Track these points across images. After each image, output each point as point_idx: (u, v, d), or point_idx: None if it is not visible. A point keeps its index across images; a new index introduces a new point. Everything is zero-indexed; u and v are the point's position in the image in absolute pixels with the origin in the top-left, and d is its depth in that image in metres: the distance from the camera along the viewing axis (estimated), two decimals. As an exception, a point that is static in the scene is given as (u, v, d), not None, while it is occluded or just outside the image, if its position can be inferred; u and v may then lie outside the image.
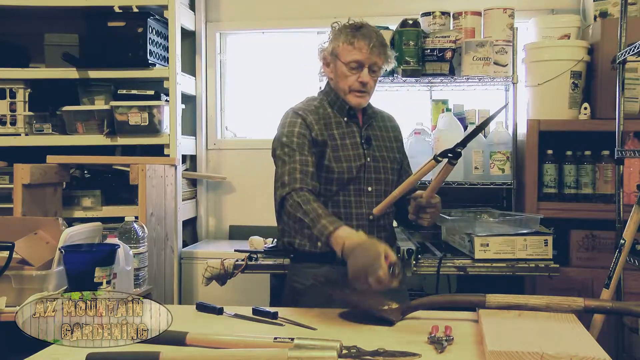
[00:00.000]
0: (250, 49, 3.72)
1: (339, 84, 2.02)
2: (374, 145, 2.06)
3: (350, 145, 2.02)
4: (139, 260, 2.29)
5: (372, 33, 1.97)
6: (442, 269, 2.54)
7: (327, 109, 2.06)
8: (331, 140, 2.00)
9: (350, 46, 1.96)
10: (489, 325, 1.48)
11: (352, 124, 2.05)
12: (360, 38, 1.95)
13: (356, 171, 1.99)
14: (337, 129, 2.03)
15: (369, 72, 1.97)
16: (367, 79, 1.97)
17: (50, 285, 2.00)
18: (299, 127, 1.97)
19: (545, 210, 2.84)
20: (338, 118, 2.05)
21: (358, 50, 1.95)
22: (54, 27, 3.29)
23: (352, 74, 1.97)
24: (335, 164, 1.98)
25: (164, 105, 3.17)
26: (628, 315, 2.25)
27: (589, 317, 2.11)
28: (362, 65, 1.96)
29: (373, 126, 2.11)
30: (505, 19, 3.02)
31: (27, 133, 3.21)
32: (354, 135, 2.04)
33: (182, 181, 3.36)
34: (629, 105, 2.77)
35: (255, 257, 2.61)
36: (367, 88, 2.00)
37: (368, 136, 2.06)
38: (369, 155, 2.04)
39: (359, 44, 1.95)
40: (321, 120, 2.02)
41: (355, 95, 2.00)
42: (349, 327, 1.62)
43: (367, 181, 2.02)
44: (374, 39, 1.96)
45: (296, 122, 1.99)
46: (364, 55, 1.95)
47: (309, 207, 1.80)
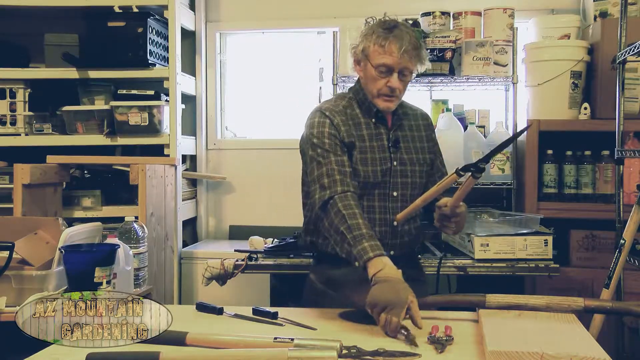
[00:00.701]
0: (250, 49, 3.72)
1: (367, 85, 1.95)
2: (402, 148, 1.99)
3: (377, 148, 1.95)
4: (139, 260, 2.29)
5: (405, 35, 1.86)
6: (442, 269, 2.54)
7: (356, 109, 1.99)
8: (359, 142, 1.94)
9: (381, 48, 1.86)
10: (489, 325, 1.48)
11: (380, 126, 1.98)
12: (392, 40, 1.85)
13: (381, 175, 1.93)
14: (367, 130, 1.96)
15: (399, 77, 1.88)
16: (397, 84, 1.88)
17: (50, 285, 2.00)
18: (328, 128, 1.91)
19: (545, 210, 2.84)
20: (366, 119, 1.98)
21: (389, 55, 1.85)
22: (54, 27, 3.29)
23: (381, 77, 1.89)
24: (361, 167, 1.91)
25: (164, 105, 3.17)
26: (628, 315, 2.25)
27: (589, 317, 2.11)
28: (392, 70, 1.87)
29: (403, 127, 2.02)
30: (505, 19, 3.03)
31: (27, 133, 3.21)
32: (381, 137, 1.97)
33: (182, 181, 3.36)
34: (629, 105, 2.76)
35: (255, 257, 2.61)
36: (397, 93, 1.91)
37: (396, 138, 1.98)
38: (396, 158, 1.96)
39: (389, 47, 1.85)
40: (349, 121, 1.95)
41: (383, 99, 1.92)
42: (349, 327, 1.62)
43: (392, 186, 1.95)
44: (406, 42, 1.85)
45: (325, 122, 1.93)
46: (394, 60, 1.85)
47: (353, 222, 1.74)
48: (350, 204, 1.78)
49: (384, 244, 1.84)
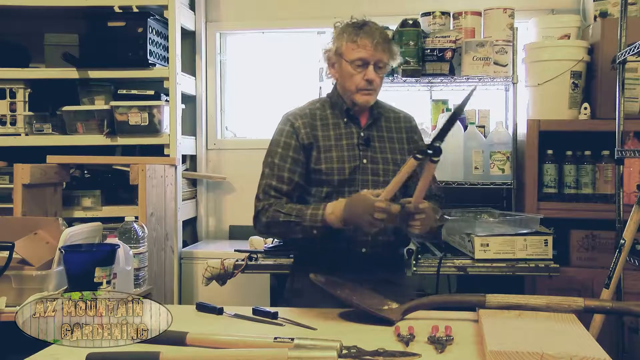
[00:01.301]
0: (250, 49, 3.72)
1: (345, 84, 1.99)
2: (375, 147, 2.02)
3: (345, 147, 2.00)
4: (139, 260, 2.29)
5: (375, 30, 1.95)
6: (442, 269, 2.54)
7: (327, 110, 2.05)
8: (324, 141, 1.99)
9: (354, 44, 1.93)
10: (489, 325, 1.48)
11: (351, 125, 2.03)
12: (363, 36, 1.93)
13: (349, 172, 1.97)
14: (335, 130, 2.02)
15: (375, 69, 1.95)
16: (373, 76, 1.94)
17: (50, 285, 2.00)
18: (285, 136, 2.01)
19: (545, 210, 2.84)
20: (336, 119, 2.03)
21: (362, 48, 1.92)
22: (54, 27, 3.29)
23: (357, 72, 1.95)
24: (324, 165, 1.97)
25: (164, 105, 3.17)
26: (628, 315, 2.25)
27: (589, 317, 2.11)
28: (367, 62, 1.93)
29: (379, 126, 2.06)
30: (505, 19, 3.02)
31: (27, 133, 3.21)
32: (351, 136, 2.02)
33: (182, 181, 3.36)
34: (629, 105, 2.76)
35: (255, 257, 2.61)
36: (374, 85, 1.97)
37: (368, 137, 2.03)
38: (366, 156, 2.00)
39: (362, 41, 1.92)
40: (315, 122, 2.02)
41: (362, 94, 1.97)
42: (349, 327, 1.62)
43: (362, 183, 1.98)
44: (377, 35, 1.93)
45: (283, 129, 2.02)
46: (369, 53, 1.92)
47: (287, 208, 1.90)
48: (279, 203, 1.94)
49: (355, 242, 1.95)
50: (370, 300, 1.71)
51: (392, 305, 1.69)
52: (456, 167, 2.99)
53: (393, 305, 1.69)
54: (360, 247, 1.96)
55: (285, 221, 1.89)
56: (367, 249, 1.97)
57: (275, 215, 1.91)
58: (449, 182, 2.96)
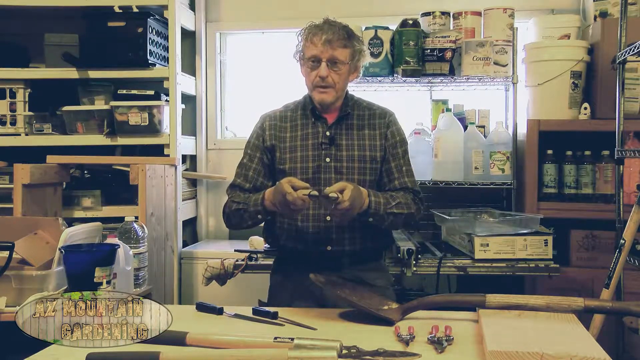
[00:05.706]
0: (250, 49, 3.72)
1: (306, 82, 2.04)
2: (341, 145, 2.01)
3: (310, 146, 2.01)
4: (139, 260, 2.29)
5: (331, 28, 1.96)
6: (442, 269, 2.55)
7: (298, 111, 2.09)
8: (292, 142, 2.03)
9: (308, 42, 1.98)
10: (489, 325, 1.48)
11: (318, 124, 2.04)
12: (316, 33, 1.96)
13: (313, 172, 1.98)
14: (302, 130, 2.04)
15: (330, 67, 1.95)
16: (325, 72, 1.94)
17: (50, 285, 2.00)
18: (254, 137, 2.09)
19: (545, 210, 2.84)
20: (305, 120, 2.06)
21: (314, 46, 1.96)
22: (54, 27, 3.29)
23: (312, 70, 1.98)
24: (287, 165, 2.00)
25: (164, 105, 3.17)
26: (628, 315, 2.25)
27: (589, 317, 2.11)
28: (319, 59, 1.95)
29: (349, 124, 2.05)
30: (505, 19, 3.02)
31: (27, 133, 3.21)
32: (317, 135, 2.02)
33: (182, 181, 3.36)
34: (629, 105, 2.77)
35: (255, 257, 2.61)
36: (328, 82, 1.96)
37: (332, 135, 2.01)
38: (329, 155, 2.00)
39: (314, 39, 1.96)
40: (283, 123, 2.07)
41: (318, 91, 1.99)
42: (349, 327, 1.62)
43: (326, 182, 1.96)
44: (329, 32, 1.94)
45: (255, 131, 2.10)
46: (319, 50, 1.95)
47: (239, 197, 1.99)
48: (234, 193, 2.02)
49: (320, 239, 1.98)
50: (370, 300, 1.71)
51: (392, 305, 1.70)
52: (456, 167, 2.99)
53: (393, 305, 1.70)
54: (325, 245, 1.98)
55: (236, 209, 1.97)
56: (332, 247, 1.98)
57: (231, 206, 2.00)
58: (449, 182, 2.96)
